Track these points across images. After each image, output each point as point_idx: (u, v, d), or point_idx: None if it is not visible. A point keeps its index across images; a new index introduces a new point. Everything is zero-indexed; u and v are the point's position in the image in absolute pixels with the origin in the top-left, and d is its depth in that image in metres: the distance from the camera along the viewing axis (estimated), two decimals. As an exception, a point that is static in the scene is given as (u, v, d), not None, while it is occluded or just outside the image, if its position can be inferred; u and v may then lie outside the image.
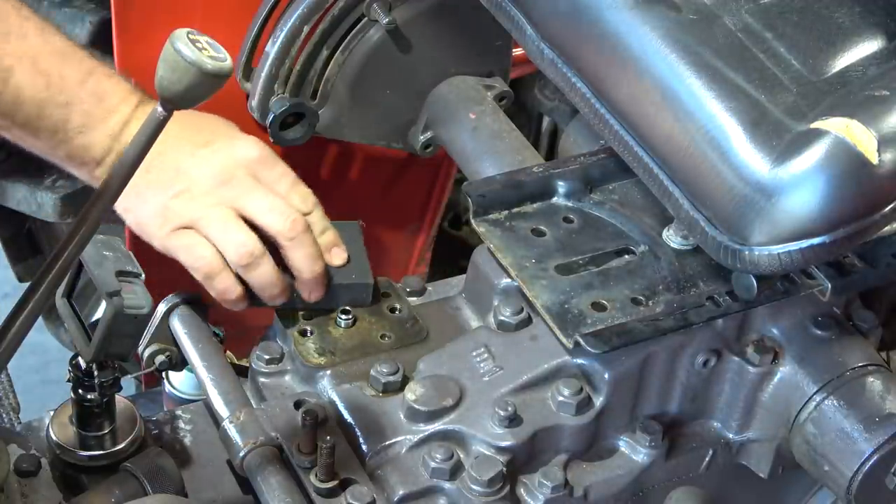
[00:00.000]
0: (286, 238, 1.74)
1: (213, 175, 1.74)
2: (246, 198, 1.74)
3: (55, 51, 1.72)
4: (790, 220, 1.46)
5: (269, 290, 1.75)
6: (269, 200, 1.75)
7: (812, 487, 1.85)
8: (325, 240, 1.79)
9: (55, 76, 1.71)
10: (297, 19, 2.03)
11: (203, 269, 1.73)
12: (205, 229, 1.73)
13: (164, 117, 1.31)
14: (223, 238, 1.72)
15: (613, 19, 1.59)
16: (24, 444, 1.69)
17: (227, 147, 1.76)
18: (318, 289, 1.76)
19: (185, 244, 1.73)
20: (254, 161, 1.77)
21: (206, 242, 1.73)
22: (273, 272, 1.73)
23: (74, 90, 1.72)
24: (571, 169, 1.81)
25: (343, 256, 1.80)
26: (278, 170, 1.78)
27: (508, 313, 1.70)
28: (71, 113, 1.72)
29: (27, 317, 1.33)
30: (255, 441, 1.61)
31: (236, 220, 1.73)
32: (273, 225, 1.73)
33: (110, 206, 1.34)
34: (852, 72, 1.53)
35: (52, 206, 2.31)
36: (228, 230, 1.72)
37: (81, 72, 1.73)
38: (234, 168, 1.75)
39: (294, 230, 1.73)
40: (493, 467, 1.59)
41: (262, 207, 1.74)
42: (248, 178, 1.75)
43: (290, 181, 1.79)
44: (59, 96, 1.71)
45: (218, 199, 1.73)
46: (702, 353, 1.68)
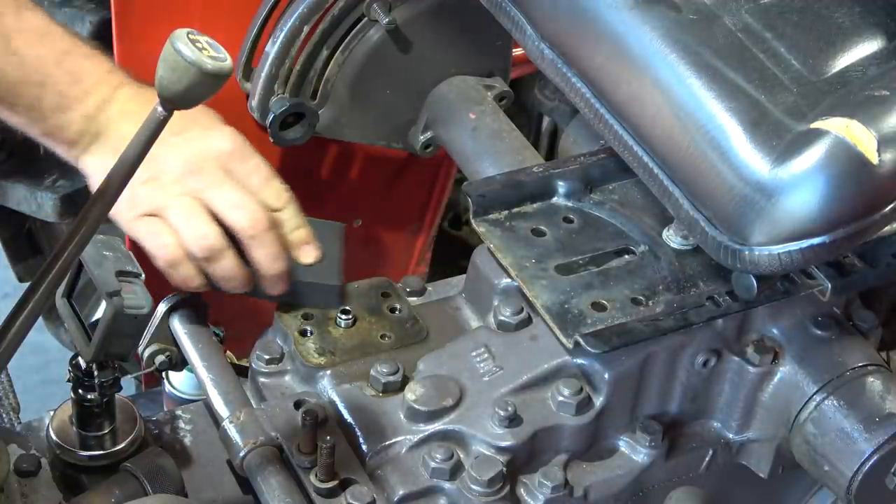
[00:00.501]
0: (247, 236, 1.73)
1: (183, 164, 1.73)
2: (212, 190, 1.73)
3: (31, 29, 1.71)
4: (790, 220, 1.46)
5: (229, 282, 1.75)
6: (235, 196, 1.73)
7: (812, 487, 1.85)
8: (297, 236, 1.78)
9: (30, 55, 1.70)
10: (297, 19, 2.03)
11: (164, 258, 1.73)
12: (169, 218, 1.72)
13: (165, 117, 1.31)
14: (186, 229, 1.72)
15: (613, 19, 1.59)
16: (24, 444, 1.69)
17: (200, 137, 1.76)
18: (279, 285, 1.76)
19: (149, 230, 1.73)
20: (226, 153, 1.76)
21: (170, 231, 1.72)
22: (233, 266, 1.73)
23: (49, 70, 1.71)
24: (571, 169, 1.81)
25: (312, 255, 1.79)
26: (252, 163, 1.77)
27: (508, 313, 1.70)
28: (45, 93, 1.71)
29: (27, 317, 1.33)
30: (255, 441, 1.61)
31: (201, 211, 1.72)
32: (236, 221, 1.73)
33: (110, 207, 1.34)
34: (852, 72, 1.53)
35: (52, 206, 2.31)
36: (191, 221, 1.72)
37: (57, 51, 1.72)
38: (205, 159, 1.74)
39: (255, 228, 1.73)
40: (493, 467, 1.59)
41: (227, 202, 1.73)
42: (218, 170, 1.74)
43: (264, 176, 1.78)
44: (33, 75, 1.70)
45: (185, 188, 1.72)
46: (702, 353, 1.68)
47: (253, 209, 1.74)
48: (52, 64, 1.71)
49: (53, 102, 1.72)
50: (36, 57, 1.70)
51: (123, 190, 1.34)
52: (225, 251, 1.72)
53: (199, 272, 1.74)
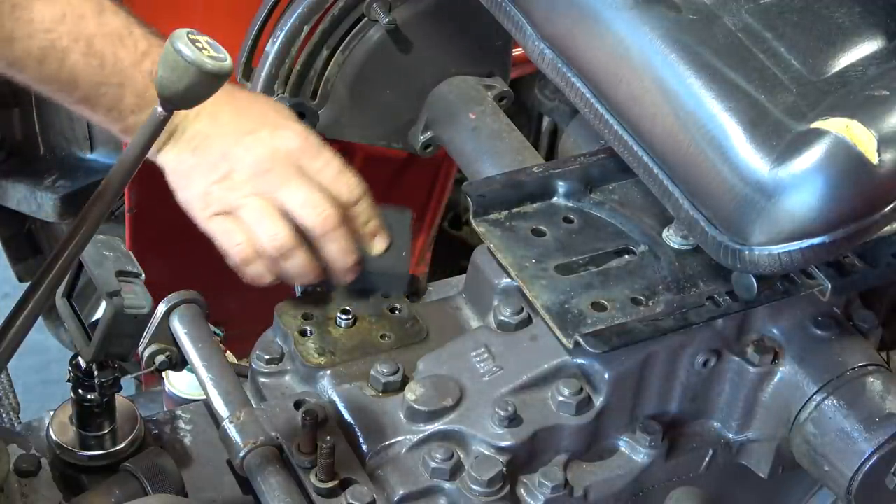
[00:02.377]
0: (318, 233, 1.77)
1: (254, 164, 1.77)
2: (283, 189, 1.76)
3: (112, 32, 1.74)
4: (790, 220, 1.46)
5: (301, 279, 1.79)
6: (305, 194, 1.77)
7: (812, 487, 1.85)
8: (368, 228, 1.82)
9: (109, 57, 1.73)
10: (297, 19, 2.03)
11: (238, 256, 1.77)
12: (242, 217, 1.76)
13: (165, 117, 1.31)
14: (258, 227, 1.75)
15: (613, 19, 1.59)
16: (24, 444, 1.69)
17: (270, 136, 1.79)
18: (349, 275, 1.80)
19: (222, 230, 1.77)
20: (295, 151, 1.79)
21: (242, 230, 1.76)
22: (305, 263, 1.77)
23: (129, 72, 1.74)
24: (571, 169, 1.81)
25: (383, 245, 1.83)
26: (322, 159, 1.80)
27: (508, 313, 1.70)
28: (125, 93, 1.75)
29: (27, 317, 1.33)
30: (255, 441, 1.61)
31: (272, 210, 1.76)
32: (306, 219, 1.76)
33: (110, 207, 1.34)
34: (852, 72, 1.53)
35: (52, 206, 2.32)
36: (263, 220, 1.75)
37: (137, 53, 1.75)
38: (275, 158, 1.77)
39: (325, 226, 1.76)
40: (493, 467, 1.59)
41: (297, 201, 1.76)
42: (288, 168, 1.78)
43: (335, 170, 1.81)
44: (113, 77, 1.74)
45: (256, 188, 1.76)
46: (702, 353, 1.68)
47: (322, 207, 1.77)
48: (131, 66, 1.74)
49: (132, 103, 1.75)
50: (116, 59, 1.73)
51: (122, 190, 1.34)
52: (296, 249, 1.76)
53: (271, 270, 1.78)
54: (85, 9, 1.73)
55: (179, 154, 1.78)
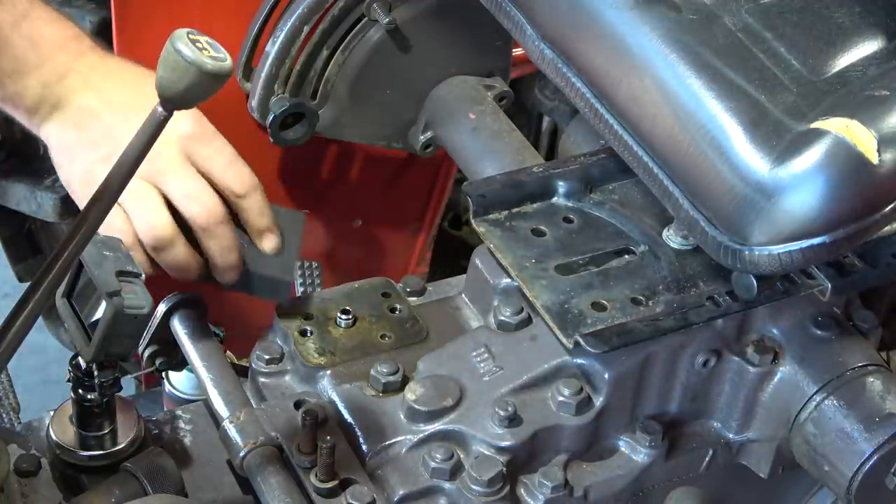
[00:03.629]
0: (199, 227, 1.70)
1: None
2: (168, 177, 1.68)
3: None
4: (790, 220, 1.46)
5: (178, 272, 1.72)
6: (190, 184, 1.69)
7: (812, 487, 1.85)
8: (258, 224, 1.75)
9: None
10: (297, 19, 2.03)
11: None
12: (122, 202, 1.68)
13: (165, 117, 1.31)
14: (137, 215, 1.67)
15: (613, 19, 1.59)
16: (24, 444, 1.69)
17: None
18: (229, 274, 1.73)
19: None
20: (187, 137, 1.71)
21: (122, 215, 1.68)
22: (182, 256, 1.69)
23: (6, 33, 1.66)
24: (571, 169, 1.81)
25: (273, 243, 1.75)
26: (214, 146, 1.73)
27: (508, 313, 1.70)
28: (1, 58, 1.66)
29: (27, 317, 1.33)
30: (255, 441, 1.61)
31: (155, 197, 1.68)
32: (188, 211, 1.69)
33: (111, 207, 1.34)
34: (852, 72, 1.53)
35: (52, 206, 2.31)
36: (143, 208, 1.67)
37: (15, 14, 1.67)
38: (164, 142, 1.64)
39: (208, 220, 1.69)
40: (493, 467, 1.59)
41: (182, 191, 1.68)
42: (177, 155, 1.70)
43: (227, 159, 1.73)
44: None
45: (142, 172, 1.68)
46: (702, 353, 1.68)
47: (207, 199, 1.69)
48: (8, 27, 1.66)
49: (10, 68, 1.67)
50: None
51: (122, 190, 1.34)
52: (175, 241, 1.68)
53: (149, 259, 1.71)
54: None
55: (62, 128, 1.70)
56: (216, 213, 1.69)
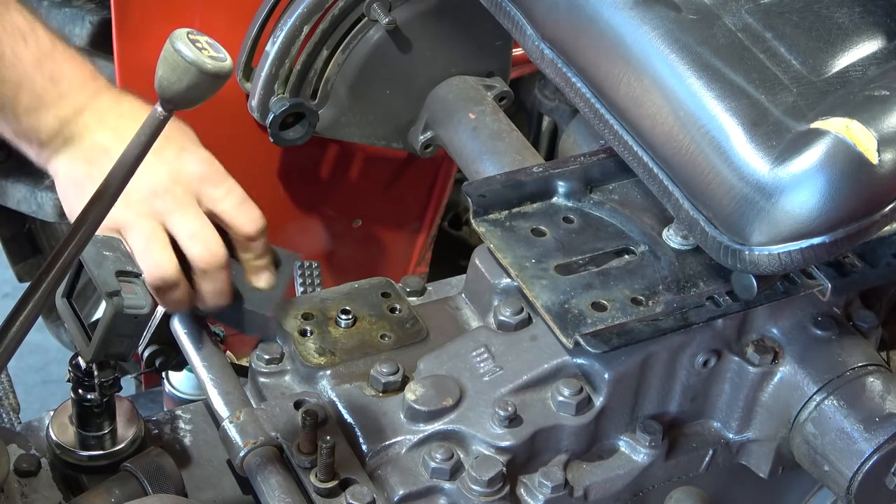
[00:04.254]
0: (199, 269, 1.70)
1: (152, 184, 1.69)
2: (176, 215, 1.70)
3: (13, 29, 1.68)
4: (790, 220, 1.46)
5: (175, 310, 1.74)
6: (196, 225, 1.70)
7: (812, 487, 1.85)
8: (258, 263, 1.76)
9: (8, 55, 1.67)
10: (297, 19, 2.03)
11: None
12: (129, 238, 1.69)
13: (164, 117, 1.31)
14: (142, 254, 1.69)
15: (613, 19, 1.59)
16: (24, 444, 1.69)
17: (174, 158, 1.72)
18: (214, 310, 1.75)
19: None
20: (197, 177, 1.72)
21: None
22: (183, 299, 1.71)
23: (27, 70, 1.68)
24: (571, 169, 1.81)
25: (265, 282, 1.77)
26: (225, 187, 1.74)
27: (508, 313, 1.70)
28: (21, 93, 1.68)
29: (27, 317, 1.33)
30: (255, 441, 1.61)
31: (161, 237, 1.69)
32: (190, 251, 1.70)
33: (110, 207, 1.34)
34: (852, 72, 1.53)
35: (52, 206, 2.31)
36: (150, 247, 1.69)
37: (38, 52, 1.69)
38: (175, 181, 1.71)
39: (208, 263, 1.70)
40: (493, 467, 1.59)
41: (187, 231, 1.70)
42: (186, 194, 1.71)
43: (236, 200, 1.74)
44: (10, 75, 1.67)
45: (150, 210, 1.69)
46: (702, 353, 1.68)
47: (210, 243, 1.70)
48: (30, 65, 1.68)
49: (28, 103, 1.69)
50: (15, 57, 1.67)
51: (123, 190, 1.34)
52: (177, 283, 1.69)
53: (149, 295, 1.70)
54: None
55: (73, 162, 1.72)
56: (217, 257, 1.71)
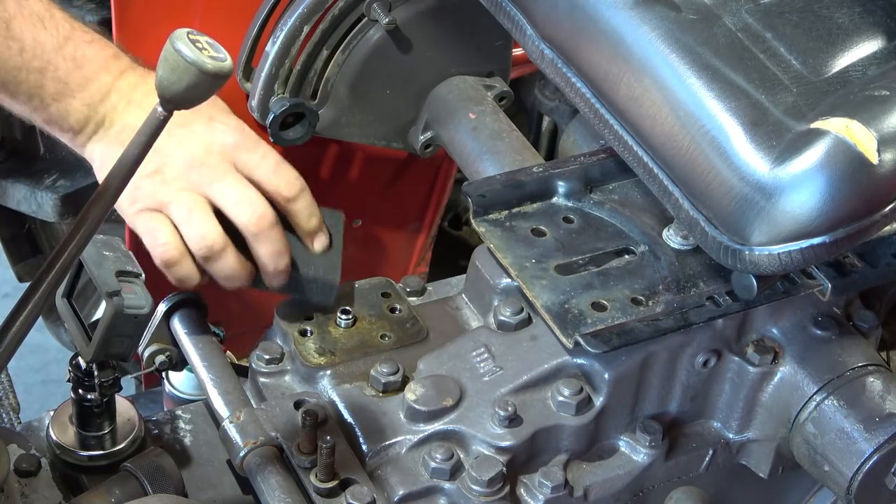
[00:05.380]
0: (250, 233, 1.70)
1: (187, 158, 1.69)
2: (216, 185, 1.69)
3: (32, 14, 1.67)
4: (790, 220, 1.46)
5: (229, 281, 1.72)
6: (239, 191, 1.70)
7: (812, 487, 1.85)
8: (310, 225, 1.76)
9: (29, 41, 1.66)
10: (297, 19, 2.03)
11: (161, 257, 1.70)
12: (171, 215, 1.69)
13: (164, 117, 1.31)
14: (187, 226, 1.68)
15: (613, 19, 1.59)
16: (24, 444, 1.69)
17: (205, 130, 1.72)
18: (279, 278, 1.73)
19: (149, 227, 1.70)
20: (231, 145, 1.72)
21: (171, 228, 1.69)
22: (233, 265, 1.70)
23: (50, 56, 1.67)
24: (571, 169, 1.81)
25: (323, 243, 1.77)
26: (259, 153, 1.74)
27: (508, 313, 1.70)
28: (45, 79, 1.68)
29: (27, 317, 1.33)
30: (255, 441, 1.61)
31: (203, 207, 1.69)
32: (238, 218, 1.69)
33: (110, 207, 1.34)
34: (852, 72, 1.53)
35: (52, 206, 2.32)
36: (193, 219, 1.68)
37: (58, 37, 1.68)
38: (208, 152, 1.71)
39: (258, 225, 1.69)
40: (493, 467, 1.59)
41: (230, 198, 1.69)
42: (222, 163, 1.70)
43: (273, 164, 1.74)
44: (33, 62, 1.66)
45: (188, 183, 1.69)
46: (702, 353, 1.68)
47: (256, 205, 1.70)
48: (52, 50, 1.67)
49: (54, 89, 1.68)
50: (36, 42, 1.66)
51: (123, 190, 1.34)
52: (225, 251, 1.69)
53: (198, 270, 1.72)
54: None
55: (108, 146, 1.71)
56: (267, 218, 1.70)
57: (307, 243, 1.75)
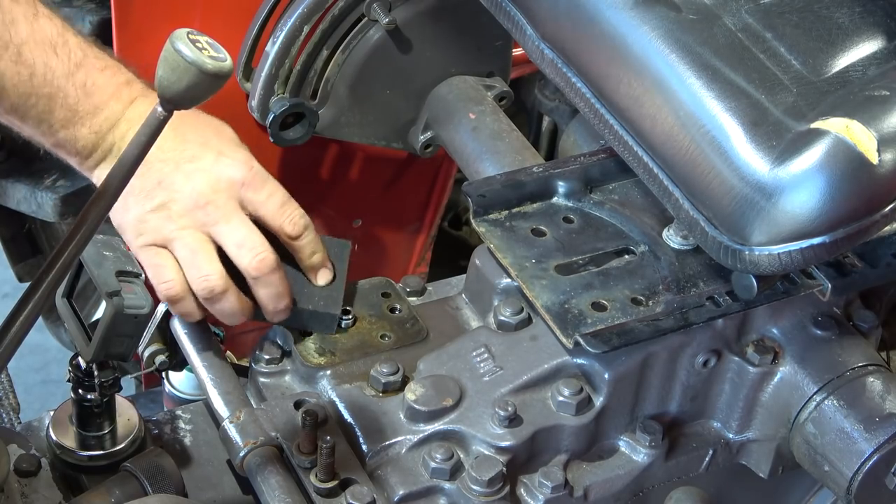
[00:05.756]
0: (251, 276, 1.70)
1: (193, 195, 1.69)
2: (221, 226, 1.70)
3: (44, 39, 1.67)
4: (790, 220, 1.46)
5: (230, 320, 1.73)
6: (242, 233, 1.70)
7: (812, 487, 1.85)
8: (312, 261, 1.77)
9: (40, 67, 1.66)
10: (297, 19, 2.03)
11: (166, 294, 1.70)
12: (175, 252, 1.69)
13: (164, 117, 1.30)
14: (190, 267, 1.68)
15: (613, 19, 1.59)
16: (24, 444, 1.69)
17: (212, 165, 1.71)
18: (279, 316, 1.74)
19: (154, 263, 1.70)
20: (237, 183, 1.72)
21: (175, 266, 1.69)
22: (234, 306, 1.70)
23: (60, 83, 1.67)
24: (571, 169, 1.81)
25: (327, 277, 1.77)
26: (266, 190, 1.74)
27: (508, 313, 1.70)
28: (54, 106, 1.67)
29: (27, 317, 1.33)
30: (255, 441, 1.61)
31: (207, 248, 1.69)
32: (240, 261, 1.70)
33: (110, 207, 1.34)
34: (852, 72, 1.53)
35: (52, 206, 2.31)
36: (196, 259, 1.68)
37: (70, 64, 1.68)
38: (215, 189, 1.70)
39: (259, 270, 1.69)
40: (493, 467, 1.59)
41: (234, 240, 1.70)
42: (228, 202, 1.71)
43: (278, 203, 1.74)
44: (43, 88, 1.66)
45: (193, 221, 1.69)
46: (702, 353, 1.68)
47: (259, 249, 1.70)
48: (62, 76, 1.67)
49: (62, 116, 1.68)
50: (46, 69, 1.66)
51: (122, 191, 1.34)
52: (226, 293, 1.69)
53: (200, 308, 1.72)
54: (17, 13, 1.65)
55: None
56: (268, 262, 1.70)
57: (310, 277, 1.76)
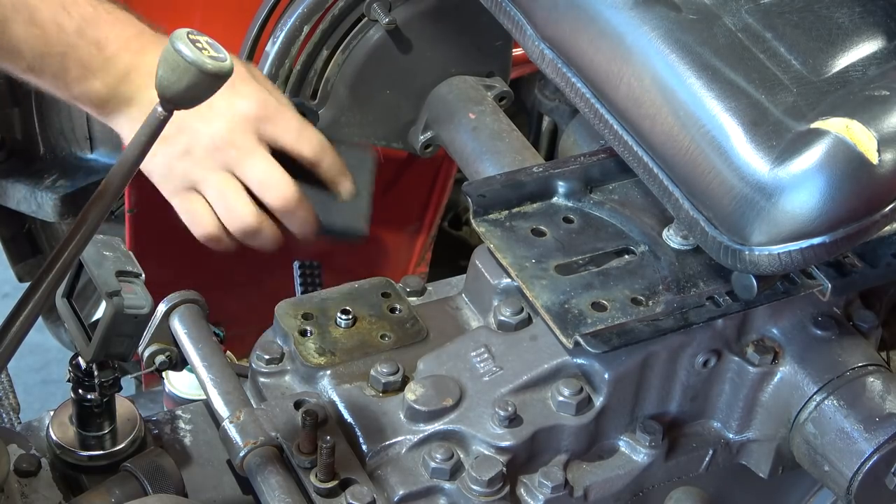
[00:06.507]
0: (277, 212, 1.78)
1: (213, 136, 1.75)
2: (243, 164, 1.76)
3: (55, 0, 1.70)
4: (790, 220, 1.46)
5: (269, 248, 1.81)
6: (264, 171, 1.76)
7: (812, 487, 1.85)
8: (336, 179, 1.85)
9: (52, 27, 1.70)
10: (297, 19, 2.03)
11: (202, 235, 1.78)
12: (206, 194, 1.76)
13: (164, 117, 1.31)
14: (222, 206, 1.76)
15: (613, 19, 1.59)
16: (24, 444, 1.69)
17: (226, 106, 1.76)
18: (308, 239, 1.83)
19: (187, 208, 1.77)
20: (252, 119, 1.77)
21: (207, 208, 1.77)
22: (272, 237, 1.78)
23: (72, 40, 1.71)
24: (571, 169, 1.81)
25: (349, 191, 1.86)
26: (281, 121, 1.79)
27: (508, 313, 1.70)
28: (68, 62, 1.72)
29: (27, 317, 1.33)
30: (255, 441, 1.61)
31: (235, 188, 1.75)
32: (265, 198, 1.77)
33: (110, 207, 1.34)
34: (852, 72, 1.53)
35: (52, 206, 2.32)
36: (227, 199, 1.75)
37: (80, 20, 1.72)
38: (233, 129, 1.76)
39: (286, 205, 1.77)
40: (493, 467, 1.59)
41: (255, 178, 1.76)
42: (246, 140, 1.76)
43: (294, 131, 1.80)
44: (56, 46, 1.70)
45: (217, 162, 1.75)
46: (702, 353, 1.68)
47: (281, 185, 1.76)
48: (74, 34, 1.71)
49: (76, 73, 1.72)
50: (58, 27, 1.70)
51: (122, 191, 1.34)
52: (262, 226, 1.77)
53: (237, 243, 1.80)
54: None
55: (132, 122, 1.75)
56: (291, 198, 1.78)
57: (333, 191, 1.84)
